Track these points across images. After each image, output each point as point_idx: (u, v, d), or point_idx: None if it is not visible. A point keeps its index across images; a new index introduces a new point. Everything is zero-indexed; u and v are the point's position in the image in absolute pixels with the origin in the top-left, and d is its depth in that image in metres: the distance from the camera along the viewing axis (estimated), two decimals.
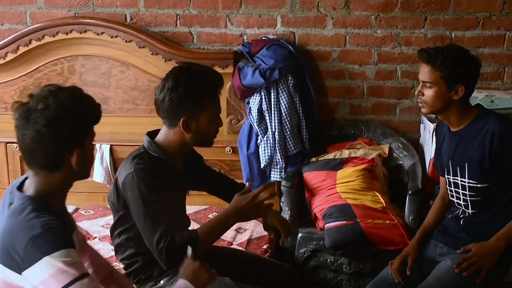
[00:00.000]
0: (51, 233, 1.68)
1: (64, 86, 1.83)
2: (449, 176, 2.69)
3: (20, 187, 1.82)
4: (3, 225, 1.74)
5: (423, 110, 2.61)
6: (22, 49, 3.69)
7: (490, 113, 2.59)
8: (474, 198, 2.60)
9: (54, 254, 1.65)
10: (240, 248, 3.14)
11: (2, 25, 3.86)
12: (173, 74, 2.35)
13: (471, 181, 2.57)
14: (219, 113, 2.43)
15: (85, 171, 1.88)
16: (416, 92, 2.60)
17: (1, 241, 1.72)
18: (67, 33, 3.65)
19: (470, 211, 2.64)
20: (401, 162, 3.59)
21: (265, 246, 3.19)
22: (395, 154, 3.62)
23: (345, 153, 3.50)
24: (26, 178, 1.85)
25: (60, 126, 1.72)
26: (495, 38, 3.62)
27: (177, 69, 2.41)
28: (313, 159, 3.54)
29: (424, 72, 2.52)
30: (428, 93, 2.53)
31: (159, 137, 2.42)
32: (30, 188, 1.80)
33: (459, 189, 2.64)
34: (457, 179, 2.63)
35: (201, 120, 2.33)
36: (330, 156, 3.52)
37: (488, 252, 2.51)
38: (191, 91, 2.29)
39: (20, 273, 1.67)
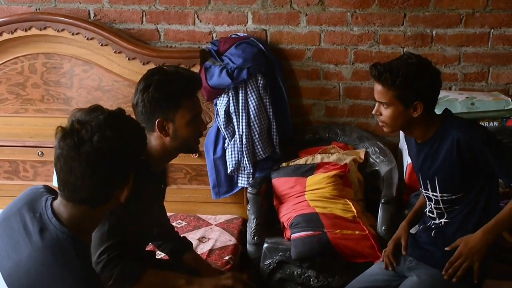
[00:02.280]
0: None
1: (111, 110, 1.63)
2: (420, 189, 2.49)
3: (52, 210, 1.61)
4: (35, 257, 1.54)
5: (384, 129, 2.41)
6: None
7: (453, 120, 2.37)
8: (450, 209, 2.40)
9: None
10: None
11: None
12: (145, 75, 2.19)
13: (444, 195, 2.37)
14: (198, 113, 2.23)
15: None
16: (373, 111, 2.39)
17: (27, 275, 1.53)
18: (26, 30, 3.46)
19: (443, 220, 2.44)
20: (377, 168, 3.38)
21: (227, 257, 2.99)
22: (371, 159, 3.42)
23: (317, 158, 3.30)
24: (52, 198, 1.64)
25: (118, 160, 1.56)
26: (478, 36, 3.41)
27: (150, 70, 2.24)
28: (284, 164, 3.34)
29: (378, 91, 2.31)
30: (386, 113, 2.32)
31: None
32: (63, 217, 1.59)
33: (432, 202, 2.44)
34: (429, 193, 2.43)
35: (178, 121, 2.15)
36: (301, 161, 3.32)
37: (476, 247, 2.29)
38: (162, 90, 2.12)
39: None
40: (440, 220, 2.45)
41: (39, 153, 3.49)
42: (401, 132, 3.45)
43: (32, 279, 1.52)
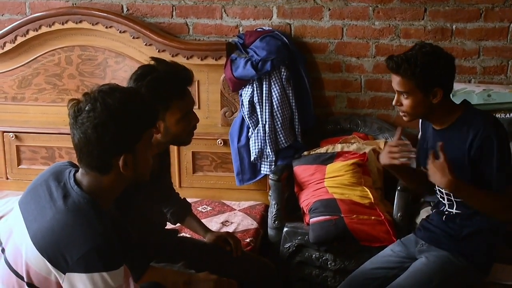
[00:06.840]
0: (108, 249, 1.68)
1: (119, 86, 1.80)
2: None
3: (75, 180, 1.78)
4: (59, 218, 1.71)
5: (405, 119, 2.50)
6: (20, 39, 3.71)
7: (477, 113, 2.45)
8: (459, 199, 2.48)
9: (103, 274, 1.66)
10: None
11: (2, 15, 3.90)
12: (137, 73, 2.23)
13: None
14: (189, 110, 2.30)
15: (138, 175, 1.83)
16: (393, 102, 2.48)
17: (51, 234, 1.69)
18: (63, 24, 3.66)
19: (454, 210, 2.53)
20: None
21: (248, 240, 3.13)
22: None
23: (338, 147, 3.41)
24: (75, 170, 1.83)
25: (105, 130, 1.69)
26: (498, 30, 3.48)
27: (142, 67, 2.28)
28: (305, 153, 3.47)
29: (396, 82, 2.41)
30: (406, 102, 2.42)
31: None
32: (84, 184, 1.78)
33: (443, 189, 2.52)
34: None
35: (168, 120, 2.22)
36: (322, 150, 3.44)
37: (442, 183, 2.30)
38: (152, 92, 2.13)
39: (64, 273, 1.67)
40: (451, 210, 2.54)
41: None
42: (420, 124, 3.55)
43: (55, 236, 1.68)
